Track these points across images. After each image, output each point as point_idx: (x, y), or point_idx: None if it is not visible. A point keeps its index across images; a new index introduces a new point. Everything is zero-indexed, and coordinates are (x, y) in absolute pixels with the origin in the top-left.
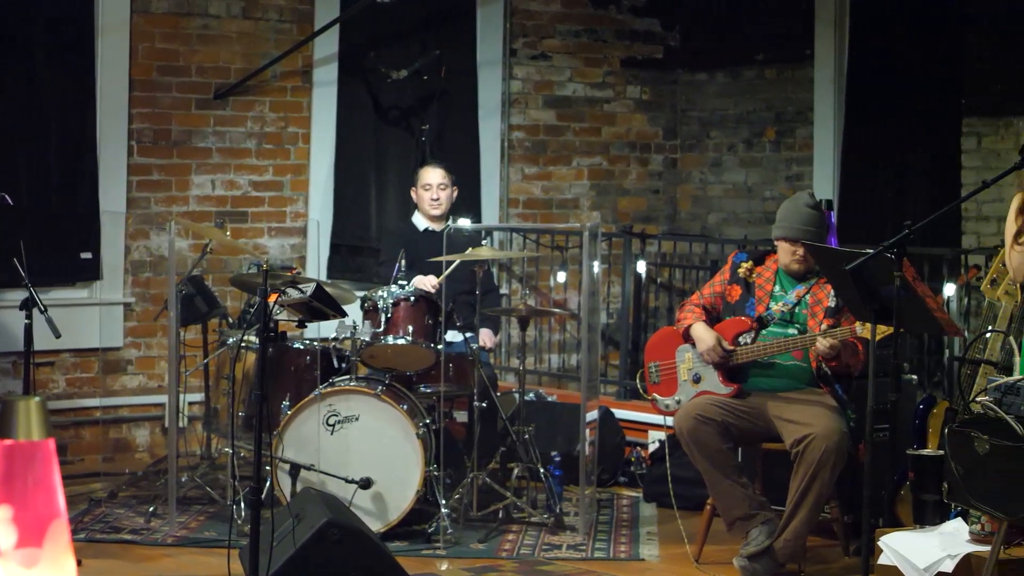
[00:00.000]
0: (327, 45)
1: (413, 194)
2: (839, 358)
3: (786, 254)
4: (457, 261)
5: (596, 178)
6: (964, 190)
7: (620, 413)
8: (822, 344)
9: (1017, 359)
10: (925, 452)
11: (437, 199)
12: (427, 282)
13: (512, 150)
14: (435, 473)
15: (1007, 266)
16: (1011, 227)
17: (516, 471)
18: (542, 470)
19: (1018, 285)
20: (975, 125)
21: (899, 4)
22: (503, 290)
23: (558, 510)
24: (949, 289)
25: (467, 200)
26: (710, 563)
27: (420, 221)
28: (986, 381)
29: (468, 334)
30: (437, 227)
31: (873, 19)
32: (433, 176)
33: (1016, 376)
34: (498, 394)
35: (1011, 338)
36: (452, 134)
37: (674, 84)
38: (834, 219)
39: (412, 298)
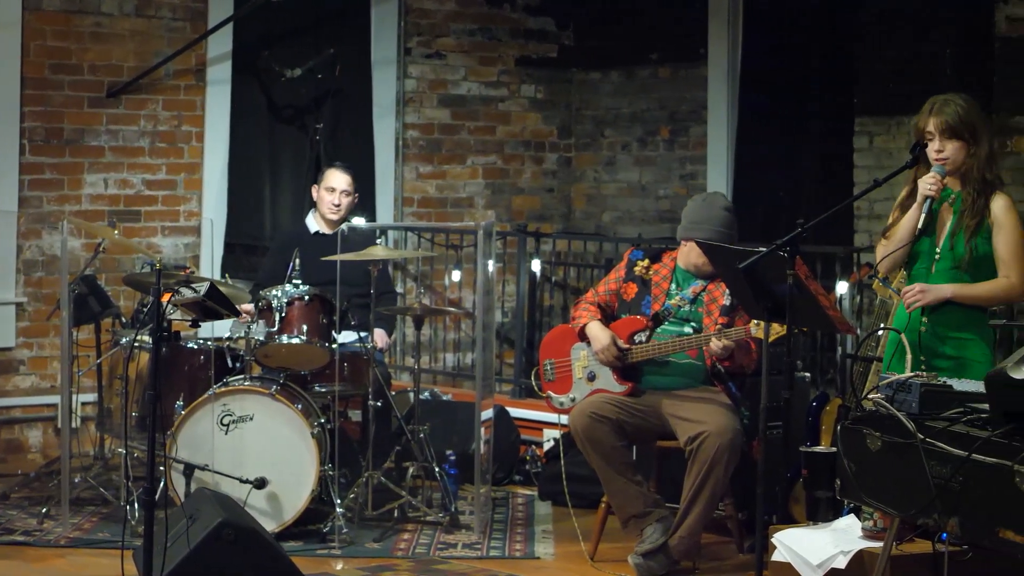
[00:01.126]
0: (221, 43)
1: (314, 192)
2: (733, 358)
3: (697, 254)
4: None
5: (491, 177)
6: (856, 189)
7: (515, 412)
8: (715, 344)
9: (908, 356)
10: (818, 449)
11: (339, 205)
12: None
13: (407, 149)
14: (330, 473)
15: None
16: (889, 220)
17: (411, 470)
18: (437, 469)
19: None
20: (867, 124)
21: (792, 4)
22: (398, 289)
23: (453, 509)
24: (842, 287)
25: (362, 199)
26: (605, 561)
27: (313, 223)
28: (878, 378)
29: (363, 333)
30: (329, 231)
31: (766, 19)
32: (340, 181)
33: (907, 373)
34: (393, 393)
35: (903, 335)
36: (346, 133)
37: (568, 83)
38: None
39: (306, 297)
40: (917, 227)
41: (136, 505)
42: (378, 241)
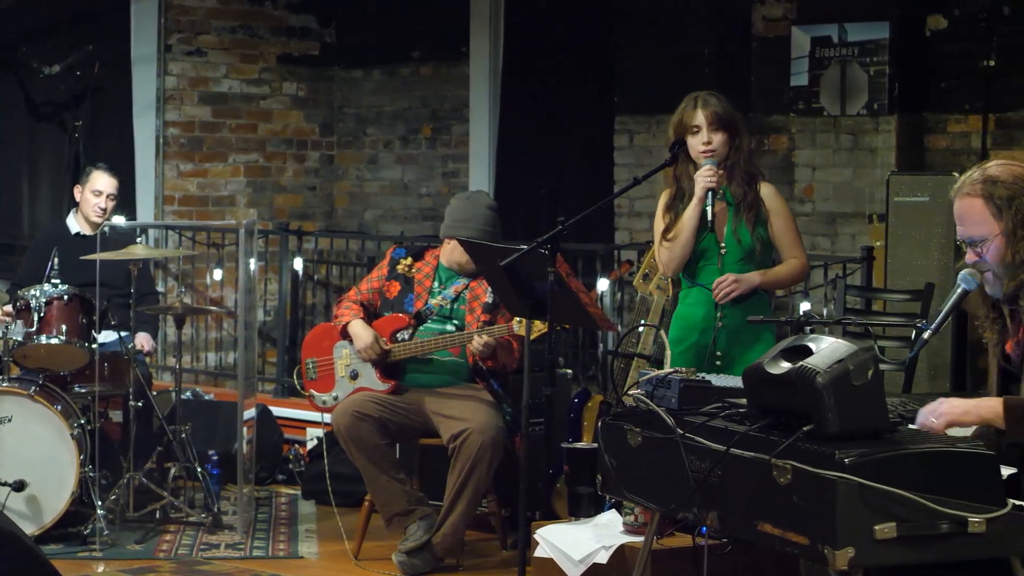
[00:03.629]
0: None
1: (77, 193)
2: (496, 356)
3: (460, 252)
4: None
5: (252, 175)
6: (617, 186)
7: (278, 411)
8: (477, 342)
9: (667, 352)
10: (580, 445)
11: (104, 208)
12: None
13: (167, 147)
14: (90, 474)
15: (657, 262)
16: (659, 224)
17: (173, 470)
18: (199, 469)
19: (669, 280)
20: (627, 123)
21: (553, 3)
22: (159, 288)
23: (216, 509)
24: (602, 284)
25: (122, 198)
26: (369, 559)
27: (74, 223)
28: (638, 374)
29: (123, 333)
30: (91, 232)
31: (528, 18)
32: (107, 184)
33: (667, 369)
34: (154, 393)
35: (662, 332)
36: (106, 131)
37: (330, 81)
38: None
39: (65, 297)
40: (708, 221)
41: None
42: (138, 240)
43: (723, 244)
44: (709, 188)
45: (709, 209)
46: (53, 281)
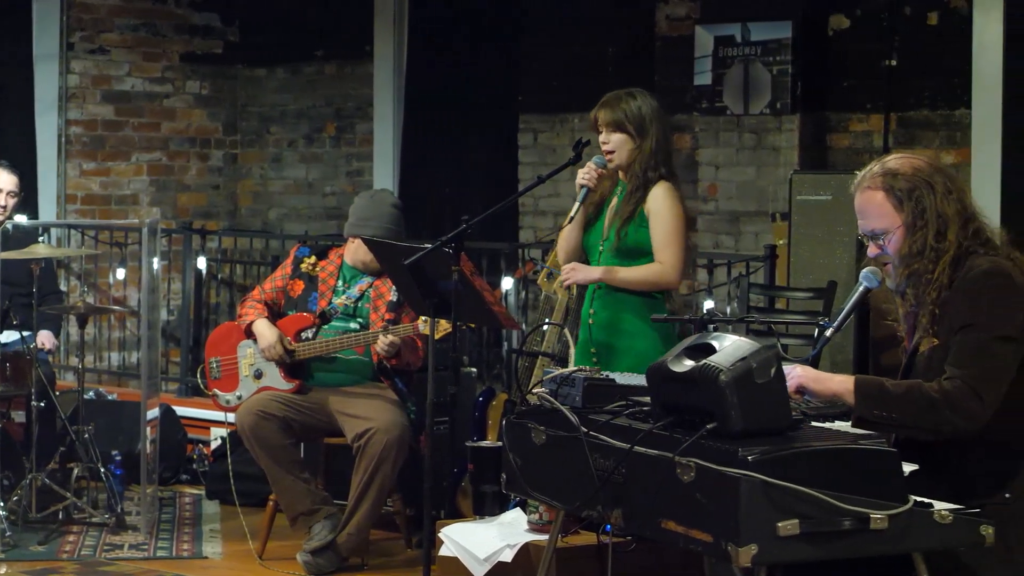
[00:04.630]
0: None
1: None
2: (400, 355)
3: (364, 251)
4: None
5: (156, 174)
6: (521, 185)
7: (182, 410)
8: (382, 342)
9: (572, 351)
10: (484, 444)
11: (4, 206)
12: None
13: (70, 146)
14: None
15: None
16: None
17: (76, 471)
18: (103, 469)
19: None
20: (532, 121)
21: (458, 2)
22: (62, 287)
23: (119, 510)
24: (507, 283)
25: (24, 196)
26: (274, 559)
27: None
28: (543, 373)
29: (26, 333)
30: None
31: (432, 17)
32: (7, 181)
33: (571, 367)
34: (57, 393)
35: (567, 330)
36: (8, 129)
37: (234, 79)
38: None
39: None
40: (571, 216)
41: None
42: (41, 239)
43: (603, 241)
44: (583, 185)
45: (577, 204)
46: None
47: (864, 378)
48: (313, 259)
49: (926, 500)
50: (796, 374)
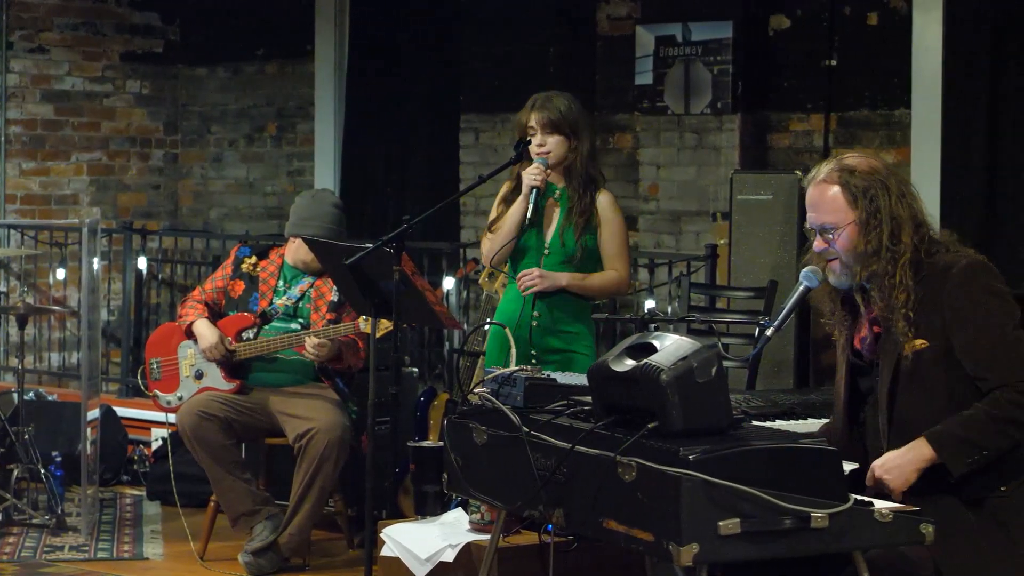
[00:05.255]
0: None
1: None
2: (341, 357)
3: (305, 251)
4: None
5: (96, 173)
6: (462, 185)
7: (122, 411)
8: (309, 343)
9: (513, 350)
10: (426, 444)
11: None
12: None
13: (9, 145)
14: None
15: (480, 250)
16: (492, 214)
17: (16, 472)
18: (43, 471)
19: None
20: (473, 121)
21: (399, 2)
22: (0, 287)
23: (60, 511)
24: (448, 283)
25: None
26: (215, 560)
27: None
28: (484, 372)
29: None
30: None
31: (373, 15)
32: None
33: (512, 367)
34: None
35: (508, 330)
36: None
37: (175, 79)
38: None
39: None
40: (526, 219)
41: None
42: None
43: (547, 245)
44: (533, 186)
45: (532, 207)
46: None
47: (937, 436)
48: (254, 259)
49: (867, 499)
50: (891, 482)
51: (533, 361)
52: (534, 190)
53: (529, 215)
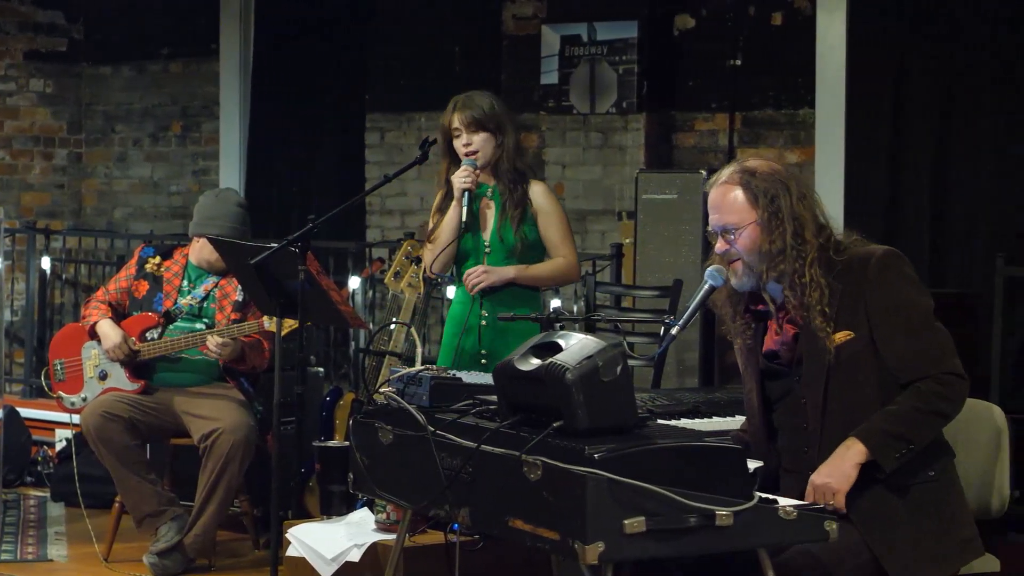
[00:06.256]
0: None
1: None
2: (245, 359)
3: (210, 251)
4: None
5: None
6: (368, 184)
7: (26, 412)
8: (211, 342)
9: (419, 350)
10: (331, 443)
11: None
12: None
13: None
14: None
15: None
16: (429, 224)
17: None
18: None
19: (420, 278)
20: (378, 120)
21: (304, 1)
22: None
23: None
24: (354, 282)
25: None
26: (120, 561)
27: None
28: (390, 372)
29: None
30: None
31: (278, 15)
32: None
33: (418, 367)
34: None
35: (413, 329)
36: None
37: (78, 77)
38: None
39: None
40: (462, 222)
41: None
42: None
43: (487, 244)
44: (465, 189)
45: (466, 210)
46: None
47: (866, 433)
48: (158, 259)
49: (771, 496)
50: (831, 488)
51: (483, 362)
52: (466, 193)
53: (464, 218)
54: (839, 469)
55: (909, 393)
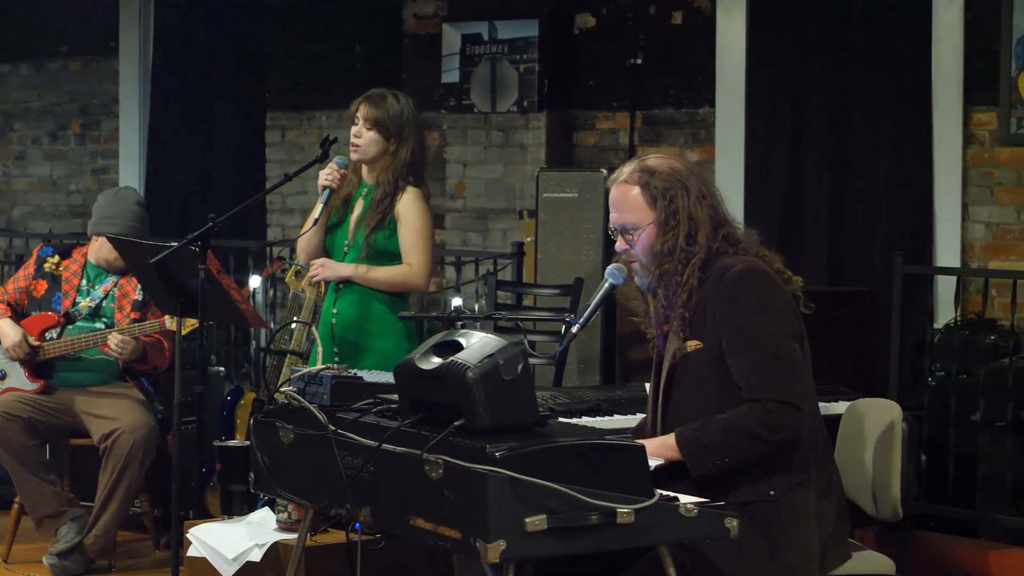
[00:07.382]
0: None
1: None
2: (146, 359)
3: (109, 249)
4: None
5: None
6: (268, 183)
7: None
8: (112, 340)
9: (320, 348)
10: (232, 443)
11: None
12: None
13: None
14: None
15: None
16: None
17: None
18: None
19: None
20: (279, 118)
21: None
22: None
23: None
24: (255, 281)
25: None
26: (19, 562)
27: None
28: (291, 371)
29: None
30: None
31: (178, 12)
32: None
33: (319, 366)
34: None
35: (314, 328)
36: None
37: None
38: None
39: None
40: (314, 218)
41: None
42: None
43: (347, 243)
44: (326, 186)
45: (320, 206)
46: None
47: (683, 437)
48: (56, 258)
49: (672, 494)
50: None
51: (336, 359)
52: (327, 190)
53: (318, 214)
54: (652, 443)
55: (738, 410)
